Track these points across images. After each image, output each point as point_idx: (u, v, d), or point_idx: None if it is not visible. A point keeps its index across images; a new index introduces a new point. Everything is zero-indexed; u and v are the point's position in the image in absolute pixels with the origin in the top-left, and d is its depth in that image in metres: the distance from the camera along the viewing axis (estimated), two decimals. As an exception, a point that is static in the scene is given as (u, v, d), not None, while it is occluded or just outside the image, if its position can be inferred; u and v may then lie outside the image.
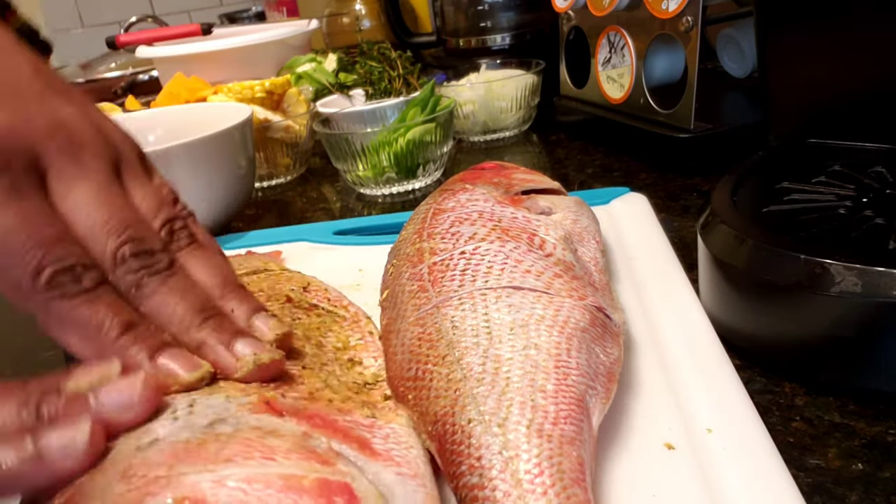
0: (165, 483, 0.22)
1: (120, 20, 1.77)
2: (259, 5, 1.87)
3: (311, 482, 0.22)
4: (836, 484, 0.30)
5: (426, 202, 0.46)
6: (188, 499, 0.21)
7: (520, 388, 0.29)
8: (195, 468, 0.22)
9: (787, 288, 0.35)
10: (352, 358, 0.36)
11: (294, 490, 0.22)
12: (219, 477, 0.22)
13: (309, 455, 0.24)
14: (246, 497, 0.21)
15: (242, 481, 0.22)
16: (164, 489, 0.22)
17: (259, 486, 0.22)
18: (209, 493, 0.21)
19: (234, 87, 0.84)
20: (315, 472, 0.23)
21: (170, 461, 0.23)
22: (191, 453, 0.23)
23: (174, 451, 0.23)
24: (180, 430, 0.25)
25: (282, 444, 0.24)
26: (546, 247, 0.39)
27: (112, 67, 1.46)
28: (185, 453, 0.23)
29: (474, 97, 0.86)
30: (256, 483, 0.22)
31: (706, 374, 0.34)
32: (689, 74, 0.64)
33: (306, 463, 0.23)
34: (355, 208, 0.75)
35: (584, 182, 0.70)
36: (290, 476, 0.22)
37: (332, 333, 0.37)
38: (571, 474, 0.26)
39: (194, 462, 0.23)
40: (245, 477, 0.22)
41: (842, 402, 0.35)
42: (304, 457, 0.24)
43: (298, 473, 0.23)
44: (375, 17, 1.44)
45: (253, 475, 0.22)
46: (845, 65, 0.49)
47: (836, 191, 0.42)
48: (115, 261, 0.31)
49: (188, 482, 0.22)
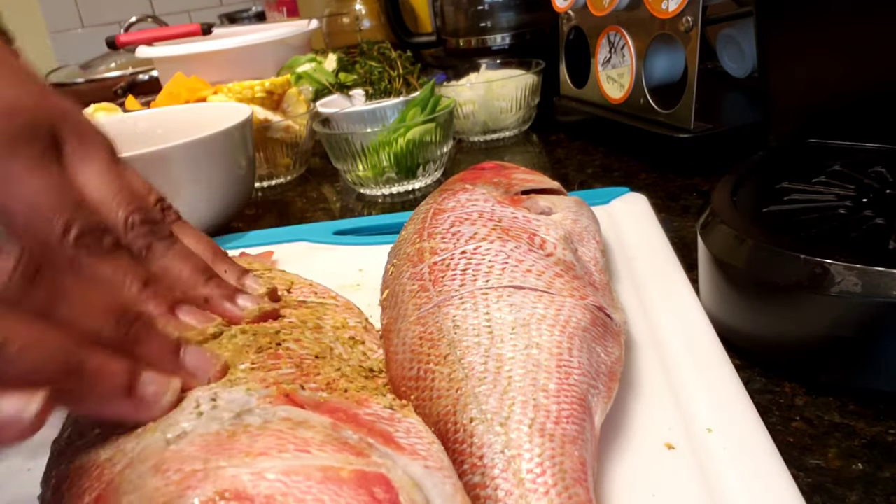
0: (203, 476, 0.22)
1: (120, 20, 1.76)
2: (259, 5, 1.87)
3: (349, 473, 0.22)
4: (836, 484, 0.30)
5: (426, 202, 0.46)
6: (228, 492, 0.21)
7: (522, 387, 0.29)
8: (231, 461, 0.22)
9: (787, 288, 0.35)
10: (353, 336, 0.37)
11: (333, 482, 0.22)
12: (258, 469, 0.22)
13: (342, 447, 0.24)
14: (287, 489, 0.21)
15: (281, 473, 0.22)
16: (203, 482, 0.22)
17: (298, 479, 0.22)
18: (250, 485, 0.21)
19: (234, 87, 0.84)
20: (351, 464, 0.23)
21: (203, 454, 0.23)
22: (223, 446, 0.23)
23: (206, 443, 0.23)
24: (208, 422, 0.25)
25: (314, 435, 0.24)
26: (546, 246, 0.39)
27: (112, 67, 1.46)
28: (217, 446, 0.23)
29: (474, 97, 0.86)
30: (296, 475, 0.22)
31: (706, 374, 0.34)
32: (689, 74, 0.64)
33: (341, 455, 0.23)
34: (355, 208, 0.75)
35: (584, 182, 0.70)
36: (328, 468, 0.22)
37: (328, 316, 0.38)
38: (573, 474, 0.26)
39: (230, 455, 0.23)
40: (283, 469, 0.22)
41: (842, 402, 0.35)
42: (337, 448, 0.24)
43: (335, 465, 0.23)
44: (375, 17, 1.44)
45: (291, 467, 0.22)
46: (845, 65, 0.49)
47: (836, 191, 0.42)
48: (126, 227, 0.35)
49: (227, 475, 0.22)
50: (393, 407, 0.29)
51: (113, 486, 0.23)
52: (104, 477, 0.24)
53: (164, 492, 0.22)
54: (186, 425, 0.25)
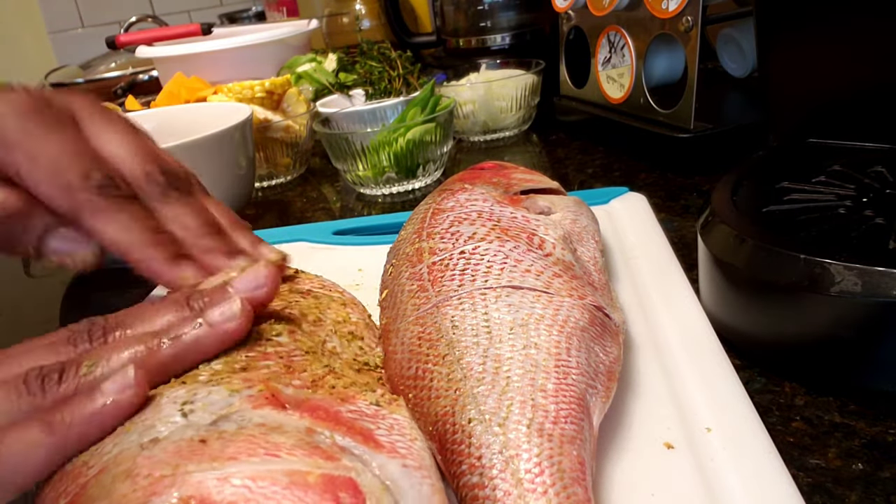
0: (170, 482, 0.22)
1: (120, 20, 1.77)
2: (259, 5, 1.87)
3: (316, 478, 0.22)
4: (835, 484, 0.30)
5: (425, 202, 0.46)
6: (193, 497, 0.21)
7: (520, 387, 0.29)
8: (199, 467, 0.22)
9: (787, 288, 0.35)
10: (352, 332, 0.36)
11: (299, 486, 0.22)
12: (224, 475, 0.22)
13: (313, 451, 0.24)
14: (251, 494, 0.21)
15: (247, 478, 0.22)
16: (169, 488, 0.22)
17: (264, 484, 0.22)
18: (214, 491, 0.21)
19: (234, 87, 0.84)
20: (319, 468, 0.23)
21: (174, 460, 0.23)
22: (195, 451, 0.23)
23: (178, 449, 0.23)
24: (184, 428, 0.25)
25: (286, 440, 0.24)
26: (545, 246, 0.39)
27: (112, 67, 1.47)
28: (189, 452, 0.23)
29: (474, 97, 0.86)
30: (261, 480, 0.22)
31: (706, 374, 0.34)
32: (689, 74, 0.64)
33: (310, 459, 0.23)
34: (355, 208, 0.75)
35: (584, 182, 0.70)
36: (295, 472, 0.22)
37: (331, 310, 0.38)
38: (572, 473, 0.26)
39: (199, 460, 0.23)
40: (250, 474, 0.22)
41: (842, 402, 0.35)
42: (308, 453, 0.24)
43: (303, 470, 0.23)
44: (375, 17, 1.44)
45: (257, 472, 0.22)
46: (845, 65, 0.49)
47: (836, 191, 0.42)
48: (146, 178, 0.37)
49: (193, 481, 0.22)
50: (380, 403, 0.29)
51: (86, 490, 0.23)
52: (79, 480, 0.24)
53: (130, 497, 0.22)
54: (161, 430, 0.25)
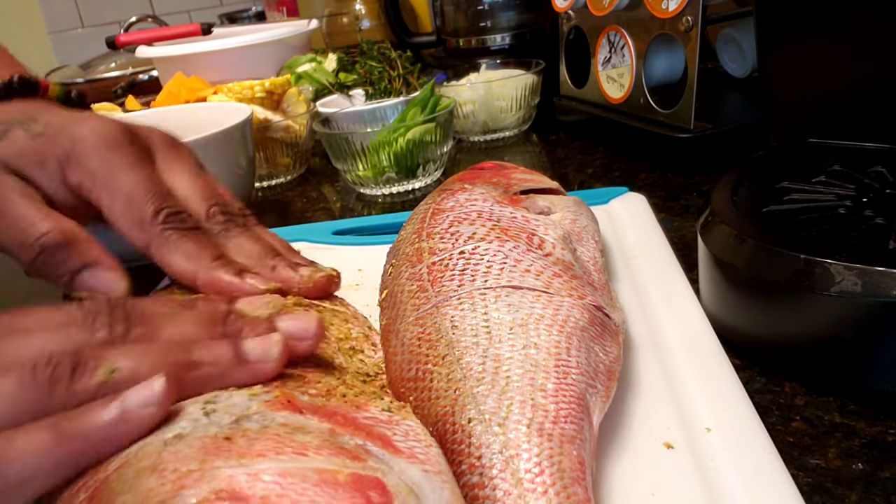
0: (199, 476, 0.22)
1: (120, 20, 1.77)
2: (259, 5, 1.87)
3: (346, 477, 0.22)
4: (835, 484, 0.30)
5: (425, 202, 0.46)
6: (224, 491, 0.21)
7: (520, 387, 0.29)
8: (228, 462, 0.22)
9: (787, 288, 0.35)
10: (353, 347, 0.37)
11: (329, 484, 0.22)
12: (254, 471, 0.22)
13: (339, 451, 0.24)
14: (282, 491, 0.21)
15: (278, 475, 0.22)
16: (199, 482, 0.22)
17: (294, 481, 0.22)
18: (246, 486, 0.21)
19: (234, 87, 0.84)
20: (347, 468, 0.23)
21: (201, 455, 0.23)
22: (220, 448, 0.23)
23: (203, 445, 0.23)
24: (206, 426, 0.25)
25: (311, 440, 0.24)
26: (545, 246, 0.39)
27: (112, 67, 1.46)
28: (214, 448, 0.23)
29: (474, 97, 0.86)
30: (291, 477, 0.22)
31: (706, 374, 0.34)
32: (689, 74, 0.64)
33: (338, 459, 0.23)
34: (355, 208, 0.75)
35: (584, 182, 0.70)
36: (325, 471, 0.22)
37: (334, 326, 0.38)
38: (572, 473, 0.26)
39: (227, 457, 0.23)
40: (280, 471, 0.22)
41: (842, 402, 0.35)
42: (334, 452, 0.23)
43: (332, 468, 0.23)
44: (375, 17, 1.44)
45: (287, 469, 0.22)
46: (845, 65, 0.49)
47: (836, 191, 0.42)
48: (207, 216, 0.41)
49: (223, 476, 0.22)
50: (391, 409, 0.29)
51: (107, 484, 0.23)
52: (99, 475, 0.24)
53: (158, 491, 0.22)
54: (184, 428, 0.25)
